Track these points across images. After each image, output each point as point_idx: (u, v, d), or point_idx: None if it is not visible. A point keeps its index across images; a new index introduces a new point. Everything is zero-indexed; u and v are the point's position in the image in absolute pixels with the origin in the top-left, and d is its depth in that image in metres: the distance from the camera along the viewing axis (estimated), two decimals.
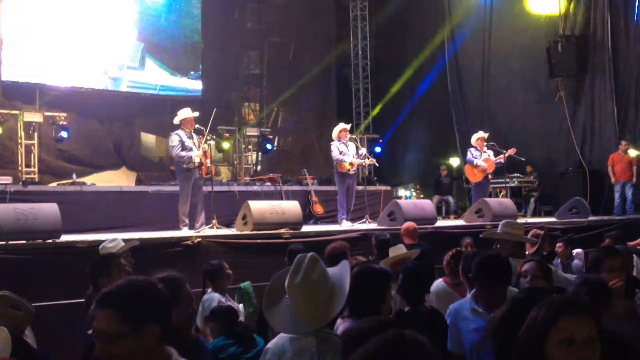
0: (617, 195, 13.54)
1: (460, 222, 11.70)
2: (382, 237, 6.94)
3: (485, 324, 3.25)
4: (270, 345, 2.87)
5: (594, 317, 1.99)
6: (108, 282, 4.36)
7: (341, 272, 2.96)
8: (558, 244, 7.68)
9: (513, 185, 14.64)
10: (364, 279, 3.18)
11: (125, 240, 5.67)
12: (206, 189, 9.49)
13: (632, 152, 13.88)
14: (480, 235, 6.23)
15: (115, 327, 2.03)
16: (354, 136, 11.29)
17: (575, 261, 7.78)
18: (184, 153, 9.07)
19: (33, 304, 4.03)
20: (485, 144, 12.20)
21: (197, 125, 9.33)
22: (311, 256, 2.88)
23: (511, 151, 12.20)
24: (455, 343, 3.70)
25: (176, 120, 9.33)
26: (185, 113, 9.32)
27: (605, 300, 3.05)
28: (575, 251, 8.21)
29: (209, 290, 5.57)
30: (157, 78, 13.77)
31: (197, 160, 9.09)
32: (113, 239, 5.56)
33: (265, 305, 2.96)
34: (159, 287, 2.17)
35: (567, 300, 2.08)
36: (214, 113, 9.73)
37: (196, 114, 9.45)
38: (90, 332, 2.07)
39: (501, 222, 5.47)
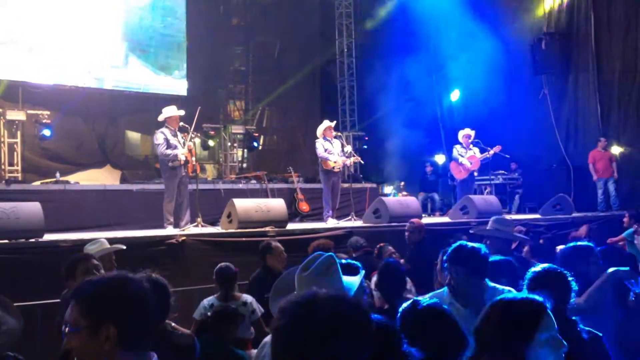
0: (600, 192, 13.68)
1: (445, 219, 11.76)
2: (355, 242, 7.19)
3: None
4: (267, 338, 2.84)
5: None
6: (73, 284, 4.29)
7: (355, 279, 2.96)
8: (540, 240, 7.75)
9: (498, 182, 14.74)
10: None
11: (110, 242, 5.59)
12: (191, 187, 9.47)
13: (616, 149, 14.01)
14: (471, 231, 6.26)
15: (76, 319, 2.02)
16: (339, 134, 11.30)
17: None
18: (169, 151, 9.03)
19: (16, 304, 3.99)
20: (470, 141, 12.25)
21: (181, 124, 9.30)
22: (327, 256, 2.87)
23: (496, 148, 12.28)
24: None
25: (161, 118, 9.30)
26: (170, 111, 9.30)
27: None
28: (559, 247, 8.26)
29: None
30: (142, 77, 13.66)
31: (182, 158, 9.06)
32: (96, 241, 5.46)
33: (272, 297, 2.97)
34: (131, 289, 2.06)
35: None
36: (198, 111, 9.69)
37: (182, 112, 9.42)
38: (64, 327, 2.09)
39: (491, 219, 5.49)
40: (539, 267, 3.33)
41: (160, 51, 13.97)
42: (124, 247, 5.59)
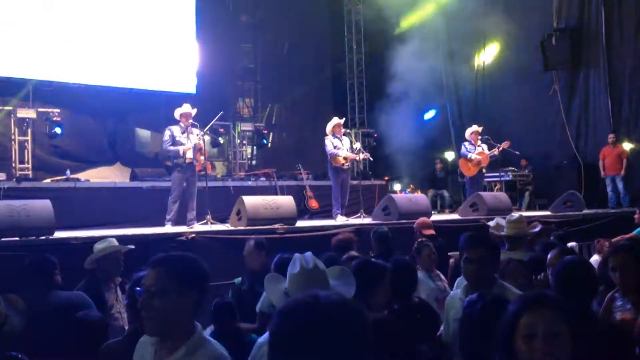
0: (608, 188, 13.60)
1: (455, 216, 11.72)
2: (380, 231, 6.91)
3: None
4: (262, 339, 2.86)
5: (561, 313, 2.02)
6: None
7: (346, 281, 3.00)
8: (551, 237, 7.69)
9: (508, 179, 14.66)
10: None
11: (119, 239, 5.58)
12: (201, 184, 9.49)
13: (626, 145, 13.91)
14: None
15: (163, 283, 2.30)
16: (348, 131, 11.28)
17: None
18: (172, 148, 9.10)
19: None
20: (479, 137, 12.20)
21: (190, 121, 9.33)
22: (307, 254, 2.98)
23: (505, 144, 12.21)
24: (445, 332, 3.79)
25: (177, 114, 9.34)
26: (184, 108, 9.35)
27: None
28: (570, 245, 8.22)
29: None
30: (151, 74, 13.65)
31: (189, 155, 9.08)
32: (104, 240, 5.43)
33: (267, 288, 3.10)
34: (204, 264, 2.45)
35: (531, 297, 2.13)
36: (218, 116, 9.76)
37: (194, 110, 9.45)
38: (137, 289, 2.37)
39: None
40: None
41: (169, 48, 13.97)
42: (133, 247, 5.59)
